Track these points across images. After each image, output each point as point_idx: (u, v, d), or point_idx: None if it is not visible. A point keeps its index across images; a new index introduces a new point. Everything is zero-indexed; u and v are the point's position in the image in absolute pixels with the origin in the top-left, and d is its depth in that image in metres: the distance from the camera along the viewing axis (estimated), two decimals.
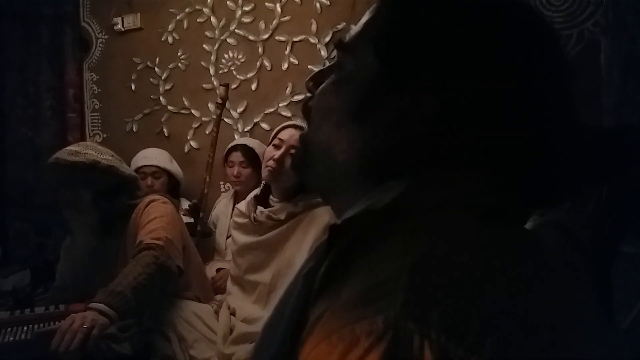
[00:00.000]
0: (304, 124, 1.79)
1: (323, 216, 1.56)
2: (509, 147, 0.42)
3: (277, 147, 1.60)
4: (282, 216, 1.59)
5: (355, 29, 0.49)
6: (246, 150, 2.29)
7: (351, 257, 0.39)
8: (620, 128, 1.45)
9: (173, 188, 2.53)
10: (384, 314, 0.32)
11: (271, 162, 1.57)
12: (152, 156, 2.50)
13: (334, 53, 0.52)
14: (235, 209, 1.79)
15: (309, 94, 0.55)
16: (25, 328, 1.30)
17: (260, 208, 1.63)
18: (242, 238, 1.68)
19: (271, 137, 1.67)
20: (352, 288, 0.36)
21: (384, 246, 0.38)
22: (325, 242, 0.42)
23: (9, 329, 1.29)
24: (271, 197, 1.67)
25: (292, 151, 1.57)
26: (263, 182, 1.70)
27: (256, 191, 1.72)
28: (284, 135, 1.61)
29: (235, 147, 2.33)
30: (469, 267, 0.34)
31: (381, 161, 0.45)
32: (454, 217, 0.40)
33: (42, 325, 1.31)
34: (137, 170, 2.42)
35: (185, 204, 2.51)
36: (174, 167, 2.54)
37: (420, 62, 0.43)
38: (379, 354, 0.30)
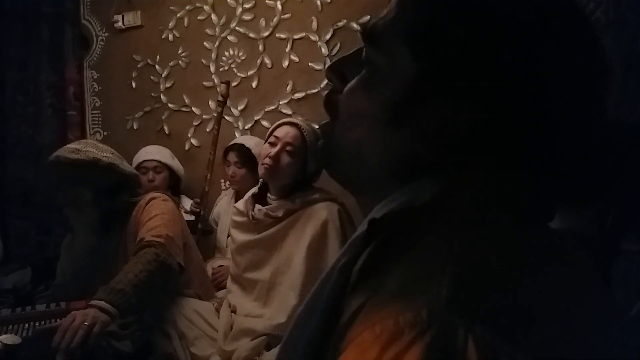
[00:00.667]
0: (300, 121, 1.77)
1: (320, 212, 1.56)
2: (542, 148, 0.42)
3: (272, 144, 1.60)
4: (280, 213, 1.59)
5: (383, 19, 0.47)
6: (241, 150, 2.29)
7: (390, 251, 0.39)
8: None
9: (174, 185, 2.54)
10: (428, 307, 0.32)
11: (267, 160, 1.57)
12: (154, 151, 2.52)
13: (362, 43, 0.49)
14: (233, 207, 1.80)
15: (330, 85, 0.53)
16: (26, 325, 1.31)
17: (258, 206, 1.63)
18: (241, 236, 1.68)
19: (267, 135, 1.67)
20: (395, 280, 0.37)
21: (426, 241, 0.38)
22: (362, 236, 0.42)
23: (10, 327, 1.30)
24: (269, 195, 1.67)
25: (288, 148, 1.58)
26: (260, 180, 1.70)
27: (254, 189, 1.72)
28: (279, 132, 1.61)
29: (232, 147, 2.33)
30: (508, 265, 0.35)
31: (415, 165, 0.44)
32: (489, 216, 0.40)
33: (43, 322, 1.32)
34: (139, 165, 2.44)
35: (185, 200, 2.52)
36: (175, 163, 2.55)
37: (460, 67, 0.41)
38: (423, 346, 0.31)
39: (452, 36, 0.41)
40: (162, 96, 2.81)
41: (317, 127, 1.69)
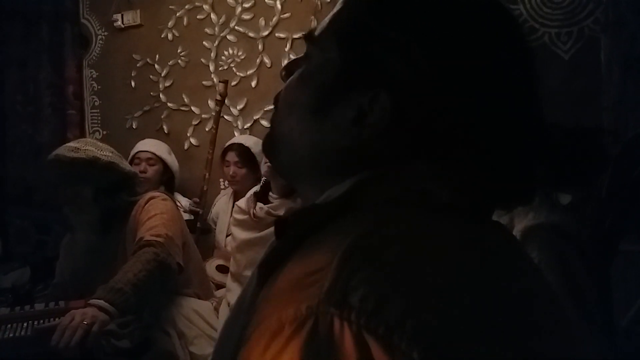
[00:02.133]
0: None
1: None
2: (468, 143, 0.42)
3: None
4: (282, 212, 1.59)
5: (324, 21, 0.50)
6: (241, 149, 2.28)
7: (292, 246, 0.40)
8: (590, 129, 1.44)
9: (168, 181, 2.53)
10: (309, 301, 0.32)
11: None
12: (150, 144, 2.51)
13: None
14: (235, 205, 1.80)
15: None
16: (25, 324, 1.30)
17: (259, 204, 1.63)
18: (242, 234, 1.68)
19: None
20: (286, 277, 0.37)
21: (323, 237, 0.39)
22: (275, 235, 0.44)
23: (9, 325, 1.30)
24: (270, 193, 1.67)
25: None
26: (263, 178, 1.70)
27: (256, 188, 1.73)
28: None
29: (231, 147, 2.32)
30: (397, 254, 0.35)
31: (340, 157, 0.45)
32: (398, 210, 0.40)
33: (42, 321, 1.31)
34: (133, 156, 2.43)
35: (179, 198, 2.51)
36: (170, 158, 2.54)
37: (379, 58, 0.43)
38: (301, 340, 0.31)
39: (373, 29, 0.44)
40: (161, 95, 2.81)
41: None
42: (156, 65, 2.80)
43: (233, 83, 2.57)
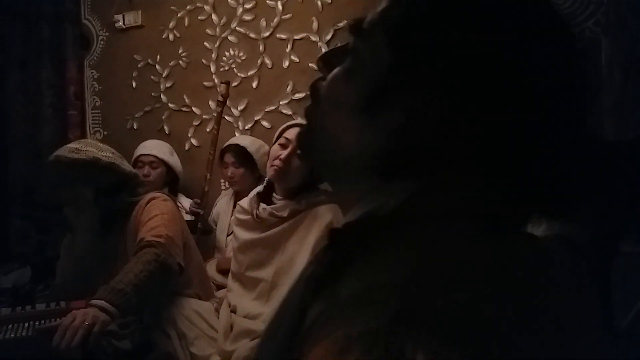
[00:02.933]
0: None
1: (326, 214, 1.56)
2: (516, 154, 0.41)
3: (283, 146, 1.60)
4: (285, 213, 1.59)
5: (371, 14, 0.47)
6: (237, 150, 2.29)
7: (349, 261, 0.39)
8: (630, 141, 1.44)
9: (172, 182, 2.53)
10: (378, 319, 0.31)
11: (277, 162, 1.57)
12: (152, 146, 2.51)
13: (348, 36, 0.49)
14: (237, 205, 1.79)
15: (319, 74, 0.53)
16: (26, 325, 1.30)
17: (262, 205, 1.63)
18: (244, 235, 1.68)
19: (276, 136, 1.66)
20: (348, 291, 0.36)
21: (383, 252, 0.38)
22: (326, 246, 0.42)
23: (10, 326, 1.30)
24: (274, 194, 1.67)
25: (299, 152, 1.57)
26: (266, 179, 1.70)
27: (259, 188, 1.72)
28: (290, 134, 1.60)
29: (228, 148, 2.33)
30: (463, 277, 0.34)
31: (388, 160, 0.44)
32: (454, 226, 0.39)
33: (43, 322, 1.31)
34: (136, 159, 2.43)
35: (183, 199, 2.52)
36: (173, 160, 2.54)
37: (434, 60, 0.41)
38: None
39: (429, 32, 0.42)
40: (162, 96, 2.81)
41: None
42: (157, 66, 2.80)
43: (234, 84, 2.57)
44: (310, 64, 2.45)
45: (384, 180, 0.44)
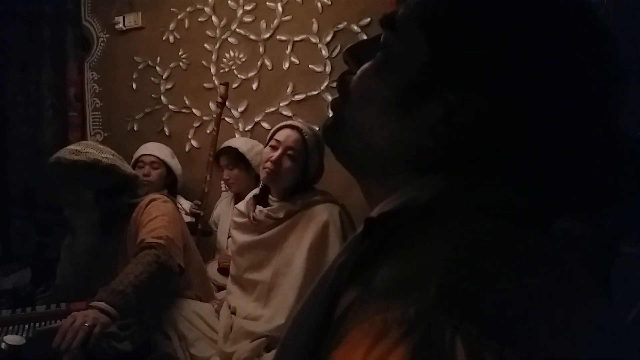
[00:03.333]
0: (301, 124, 1.77)
1: (321, 214, 1.57)
2: (549, 153, 0.41)
3: (274, 148, 1.60)
4: (281, 215, 1.59)
5: (404, 8, 0.47)
6: (229, 151, 2.30)
7: (384, 250, 0.39)
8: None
9: (171, 184, 2.54)
10: (416, 305, 0.32)
11: (269, 164, 1.57)
12: (153, 147, 2.53)
13: (380, 30, 0.49)
14: (234, 208, 1.80)
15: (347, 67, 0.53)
16: (26, 326, 1.31)
17: (259, 207, 1.63)
18: (242, 237, 1.68)
19: (268, 137, 1.66)
20: (385, 278, 0.36)
21: (420, 242, 0.38)
22: (359, 234, 0.42)
23: (11, 327, 1.30)
24: (270, 196, 1.67)
25: (290, 152, 1.57)
26: (261, 182, 1.70)
27: (255, 191, 1.72)
28: (280, 136, 1.61)
29: (221, 151, 2.34)
30: (500, 269, 0.35)
31: (423, 155, 0.44)
32: (488, 220, 0.40)
33: (43, 323, 1.32)
34: (137, 160, 2.45)
35: (182, 201, 2.52)
36: (174, 162, 2.55)
37: (473, 57, 0.41)
38: (411, 344, 0.30)
39: (467, 27, 0.41)
40: (162, 97, 2.81)
41: (317, 129, 1.70)
42: (157, 68, 2.81)
43: (234, 85, 2.58)
44: (310, 66, 2.45)
45: (418, 175, 0.44)
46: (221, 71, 2.67)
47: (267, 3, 2.54)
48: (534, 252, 0.39)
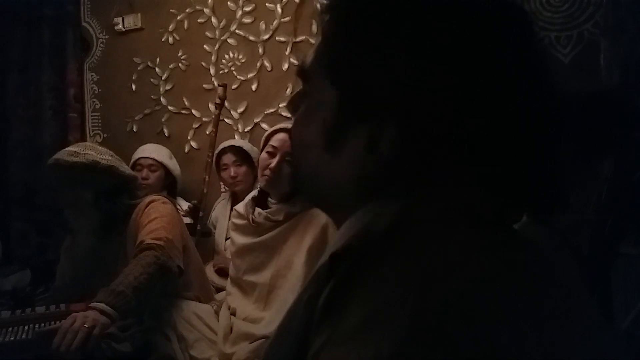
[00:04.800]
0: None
1: (320, 216, 1.56)
2: (491, 153, 0.42)
3: (271, 154, 1.58)
4: (280, 217, 1.59)
5: (310, 55, 0.50)
6: (236, 149, 2.31)
7: (352, 283, 0.38)
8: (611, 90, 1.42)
9: (170, 185, 2.54)
10: (390, 339, 0.31)
11: (268, 172, 1.56)
12: (151, 149, 2.52)
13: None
14: (233, 210, 1.80)
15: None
16: (26, 327, 1.31)
17: (258, 209, 1.63)
18: (241, 239, 1.68)
19: (263, 142, 1.65)
20: (356, 313, 0.36)
21: (385, 269, 0.38)
22: (325, 269, 0.41)
23: (10, 329, 1.30)
24: (269, 198, 1.67)
25: (288, 158, 1.56)
26: (259, 185, 1.70)
27: (254, 193, 1.72)
28: (276, 141, 1.59)
29: (224, 150, 2.34)
30: (470, 286, 0.34)
31: (365, 184, 0.45)
32: (451, 230, 0.40)
33: (43, 324, 1.31)
34: (135, 162, 2.45)
35: (182, 202, 2.52)
36: (172, 163, 2.55)
37: (374, 87, 0.42)
38: None
39: (360, 59, 0.43)
40: (162, 98, 2.81)
41: None
42: (157, 69, 2.81)
43: (233, 86, 2.58)
44: None
45: (368, 201, 0.44)
46: (220, 72, 2.67)
47: (267, 4, 2.54)
48: (502, 258, 0.38)
